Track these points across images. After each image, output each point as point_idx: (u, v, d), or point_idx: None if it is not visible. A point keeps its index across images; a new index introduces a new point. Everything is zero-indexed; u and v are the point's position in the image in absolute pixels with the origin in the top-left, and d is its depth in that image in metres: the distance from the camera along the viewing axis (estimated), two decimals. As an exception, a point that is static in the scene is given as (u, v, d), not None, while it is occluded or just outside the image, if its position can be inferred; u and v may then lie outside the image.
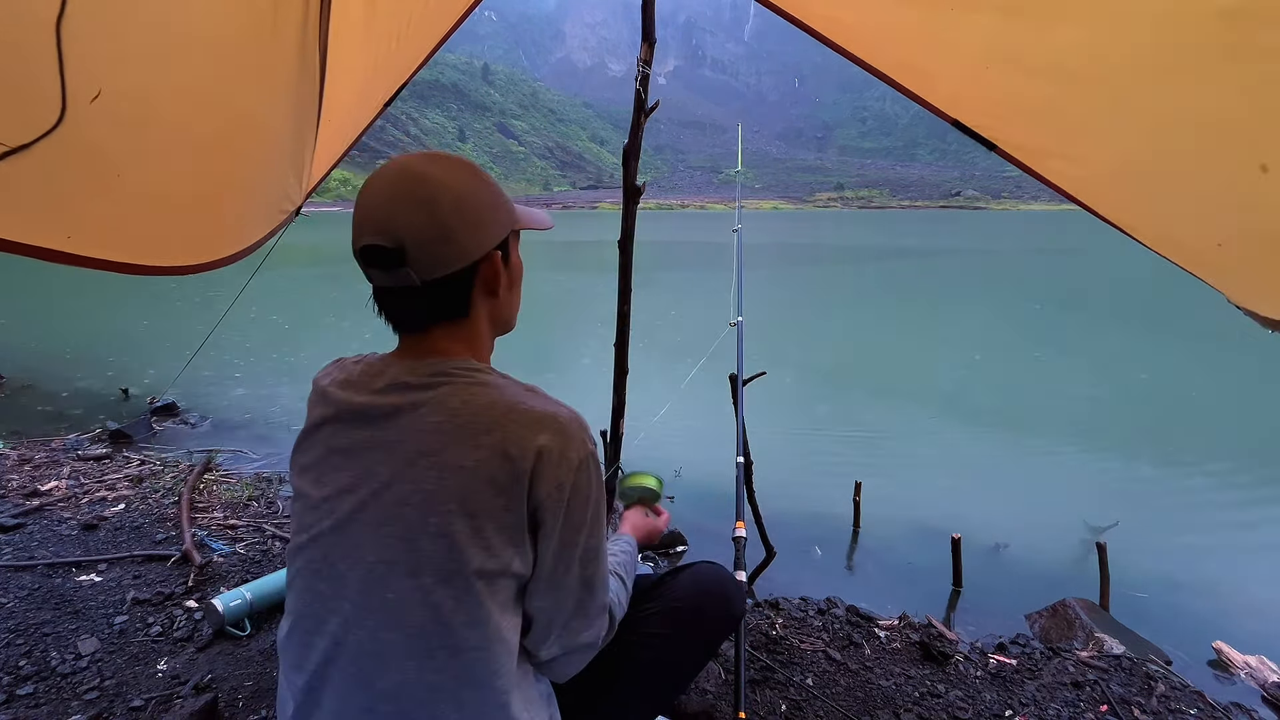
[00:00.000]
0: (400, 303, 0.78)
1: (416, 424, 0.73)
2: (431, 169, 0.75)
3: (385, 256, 0.72)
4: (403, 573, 0.70)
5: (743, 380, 2.07)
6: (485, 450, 0.70)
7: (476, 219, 0.76)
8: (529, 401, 0.75)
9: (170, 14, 1.16)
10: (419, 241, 0.72)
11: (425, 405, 0.74)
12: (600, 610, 0.82)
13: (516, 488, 0.70)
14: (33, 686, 1.71)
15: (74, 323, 9.48)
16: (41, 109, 1.01)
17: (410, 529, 0.70)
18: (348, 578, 0.73)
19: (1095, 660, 2.10)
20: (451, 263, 0.75)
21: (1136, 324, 10.32)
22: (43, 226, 1.21)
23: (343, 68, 1.78)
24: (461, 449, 0.71)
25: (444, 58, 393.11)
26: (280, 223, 2.18)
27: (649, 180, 2.37)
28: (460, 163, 0.79)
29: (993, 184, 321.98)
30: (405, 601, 0.70)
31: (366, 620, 0.71)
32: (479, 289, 0.80)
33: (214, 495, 3.10)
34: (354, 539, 0.73)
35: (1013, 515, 3.70)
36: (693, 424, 4.60)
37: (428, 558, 0.70)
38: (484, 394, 0.75)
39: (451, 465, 0.70)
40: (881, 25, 1.56)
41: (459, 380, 0.76)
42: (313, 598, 0.75)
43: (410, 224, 0.72)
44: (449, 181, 0.74)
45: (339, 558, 0.74)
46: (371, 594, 0.71)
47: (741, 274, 2.48)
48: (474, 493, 0.70)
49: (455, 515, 0.69)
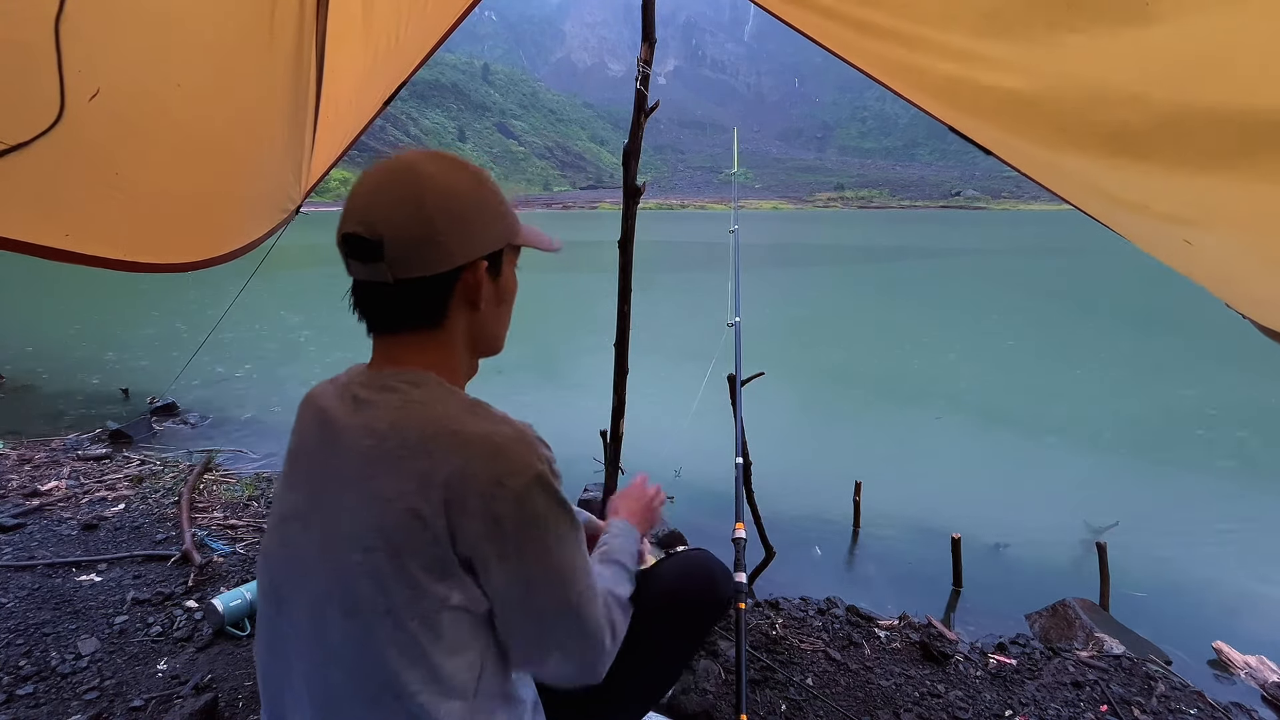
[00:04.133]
0: (373, 300, 0.73)
1: (352, 446, 0.68)
2: (428, 165, 0.71)
3: (363, 248, 0.69)
4: (339, 612, 0.66)
5: (741, 381, 2.06)
6: (408, 479, 0.64)
7: (464, 223, 0.71)
8: (463, 422, 0.67)
9: (168, 13, 1.16)
10: (399, 237, 0.68)
11: (361, 425, 0.69)
12: (594, 630, 0.73)
13: (439, 521, 0.63)
14: (33, 686, 1.71)
15: (74, 322, 9.48)
16: (40, 107, 1.01)
17: (342, 565, 0.66)
18: (296, 613, 0.70)
19: (1095, 660, 2.09)
20: (430, 264, 0.70)
21: (1137, 324, 10.32)
22: (41, 224, 1.21)
23: (341, 67, 1.78)
24: (387, 478, 0.65)
25: (444, 58, 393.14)
26: (280, 221, 2.18)
27: (649, 180, 2.37)
28: (461, 164, 0.74)
29: (993, 184, 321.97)
30: (347, 642, 0.66)
31: (315, 658, 0.68)
32: (458, 298, 0.74)
33: (214, 495, 3.10)
34: (298, 569, 0.70)
35: (1013, 515, 3.70)
36: (692, 424, 4.60)
37: (363, 596, 0.65)
38: (416, 413, 0.67)
39: (376, 495, 0.65)
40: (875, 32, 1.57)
41: (395, 396, 0.69)
42: (270, 627, 0.74)
43: (392, 217, 0.68)
44: (442, 180, 0.70)
45: (289, 590, 0.71)
46: (316, 633, 0.68)
47: (739, 274, 2.47)
48: (397, 526, 0.64)
49: (379, 552, 0.64)
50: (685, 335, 8.67)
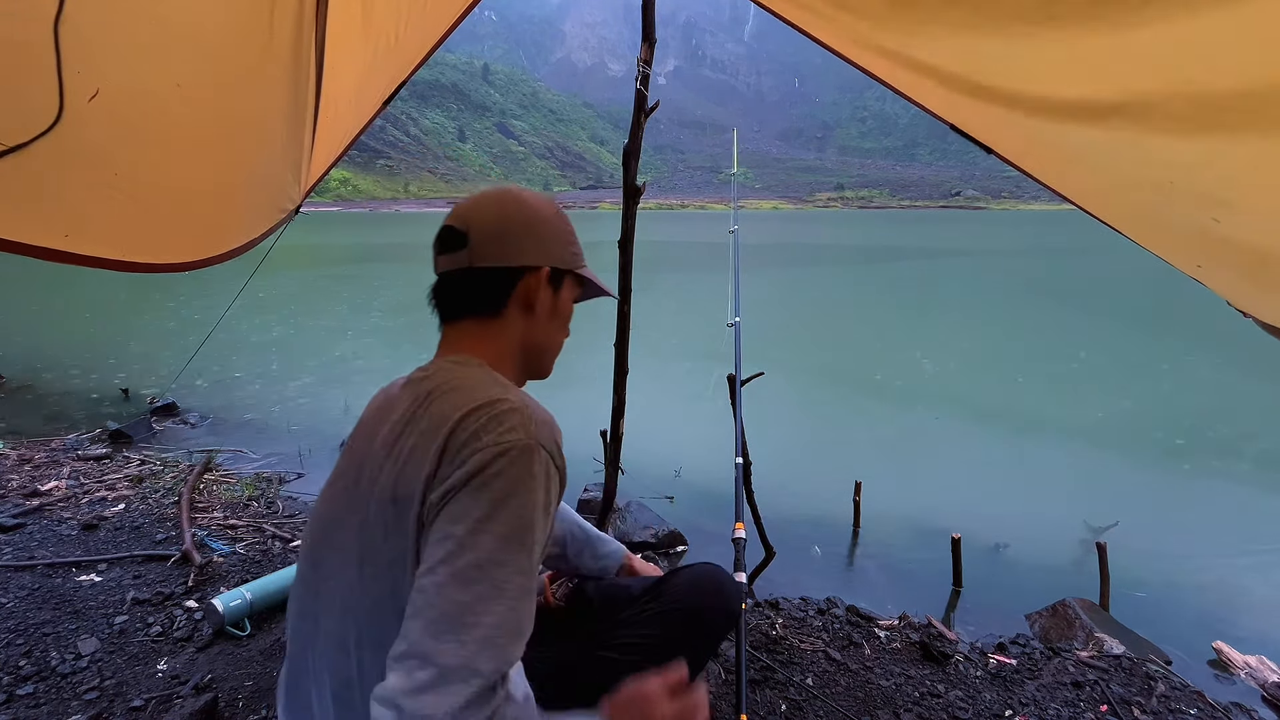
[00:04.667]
0: (448, 287, 0.83)
1: (396, 413, 0.75)
2: (523, 190, 0.86)
3: (452, 237, 0.81)
4: (356, 562, 0.71)
5: (740, 381, 2.06)
6: (424, 435, 0.70)
7: (535, 231, 0.83)
8: (485, 388, 0.72)
9: (167, 13, 1.16)
10: (483, 230, 0.81)
11: (408, 396, 0.76)
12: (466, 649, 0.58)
13: (427, 466, 0.67)
14: (33, 686, 1.71)
15: (74, 322, 9.48)
16: (39, 108, 1.01)
17: (363, 517, 0.72)
18: (328, 569, 0.75)
19: (1095, 660, 2.09)
20: (502, 256, 0.81)
21: (1137, 323, 10.32)
22: (41, 225, 1.21)
23: (340, 67, 1.78)
24: (409, 437, 0.71)
25: (444, 58, 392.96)
26: (279, 221, 2.18)
27: (649, 180, 2.37)
28: (547, 198, 0.88)
29: (993, 184, 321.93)
30: (361, 594, 0.71)
31: (337, 610, 0.73)
32: (517, 296, 0.83)
33: (214, 495, 3.10)
34: (334, 526, 0.76)
35: (1013, 515, 3.70)
36: (692, 424, 4.61)
37: (373, 547, 0.70)
38: (451, 382, 0.74)
39: (400, 452, 0.71)
40: (874, 34, 1.57)
41: (441, 372, 0.77)
42: (304, 588, 0.80)
43: (482, 215, 0.82)
44: (527, 197, 0.85)
45: (325, 548, 0.77)
46: (342, 586, 0.73)
47: (739, 274, 2.47)
48: (407, 479, 0.68)
49: (390, 504, 0.69)
50: (685, 335, 8.68)
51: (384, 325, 9.84)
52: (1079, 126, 1.24)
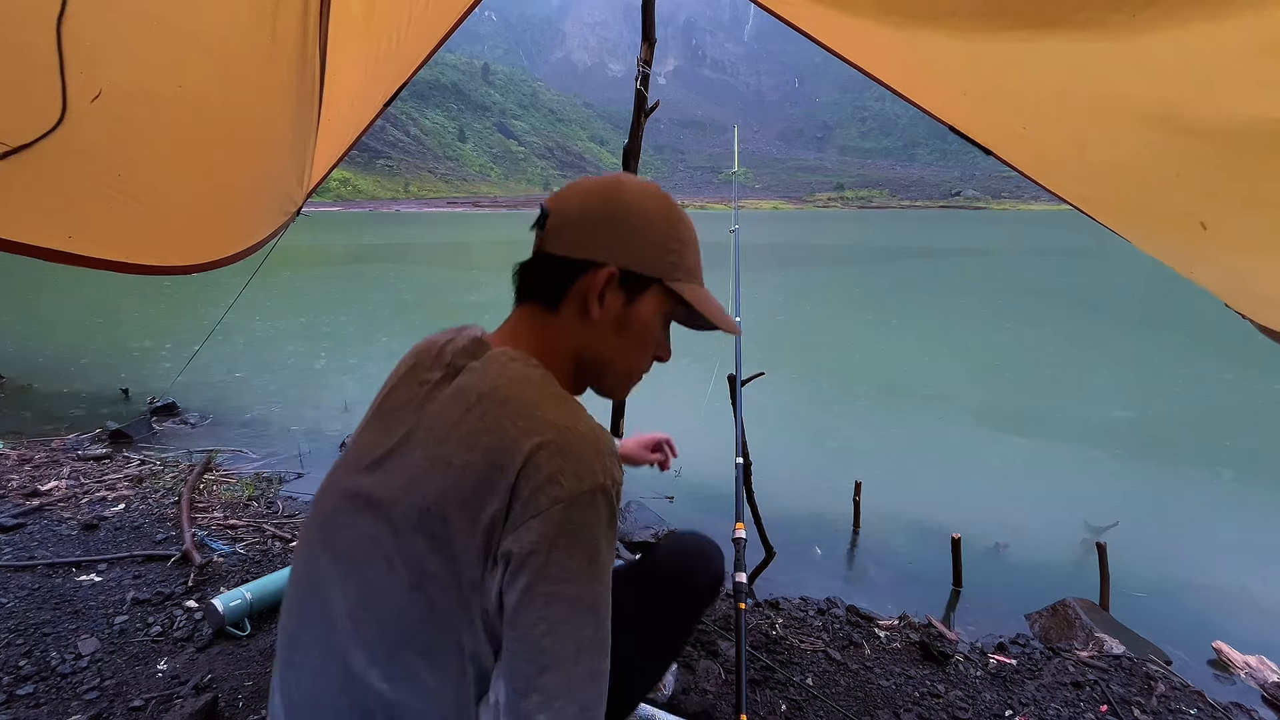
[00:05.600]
0: (524, 267, 0.79)
1: (439, 407, 0.70)
2: (630, 180, 0.78)
3: (541, 215, 0.76)
4: (384, 563, 0.67)
5: (741, 381, 2.07)
6: (479, 453, 0.63)
7: (613, 226, 0.74)
8: (545, 409, 0.66)
9: (171, 14, 1.16)
10: (563, 214, 0.75)
11: (454, 389, 0.70)
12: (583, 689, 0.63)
13: (494, 505, 0.62)
14: (33, 686, 1.71)
15: (74, 323, 9.48)
16: (42, 109, 1.01)
17: (397, 518, 0.67)
18: (345, 548, 0.71)
19: (1095, 660, 2.10)
20: (572, 247, 0.74)
21: (1137, 323, 10.32)
22: (43, 226, 1.21)
23: (342, 67, 1.78)
24: (458, 446, 0.65)
25: (444, 58, 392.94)
26: (281, 223, 2.18)
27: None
28: (661, 194, 0.79)
29: (993, 184, 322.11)
30: (383, 593, 0.67)
31: (354, 596, 0.69)
32: (575, 291, 0.74)
33: (214, 495, 3.10)
34: (359, 508, 0.71)
35: (1013, 515, 3.70)
36: (692, 424, 4.60)
37: (408, 555, 0.65)
38: (505, 391, 0.67)
39: (446, 461, 0.65)
40: (871, 37, 1.57)
41: (493, 369, 0.70)
42: (311, 561, 0.74)
43: (569, 199, 0.76)
44: (627, 188, 0.77)
45: (342, 527, 0.72)
46: (360, 572, 0.69)
47: (739, 274, 2.48)
48: (454, 497, 0.63)
49: (432, 518, 0.64)
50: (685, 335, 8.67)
51: (385, 325, 9.83)
52: (1079, 128, 1.24)
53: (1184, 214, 1.18)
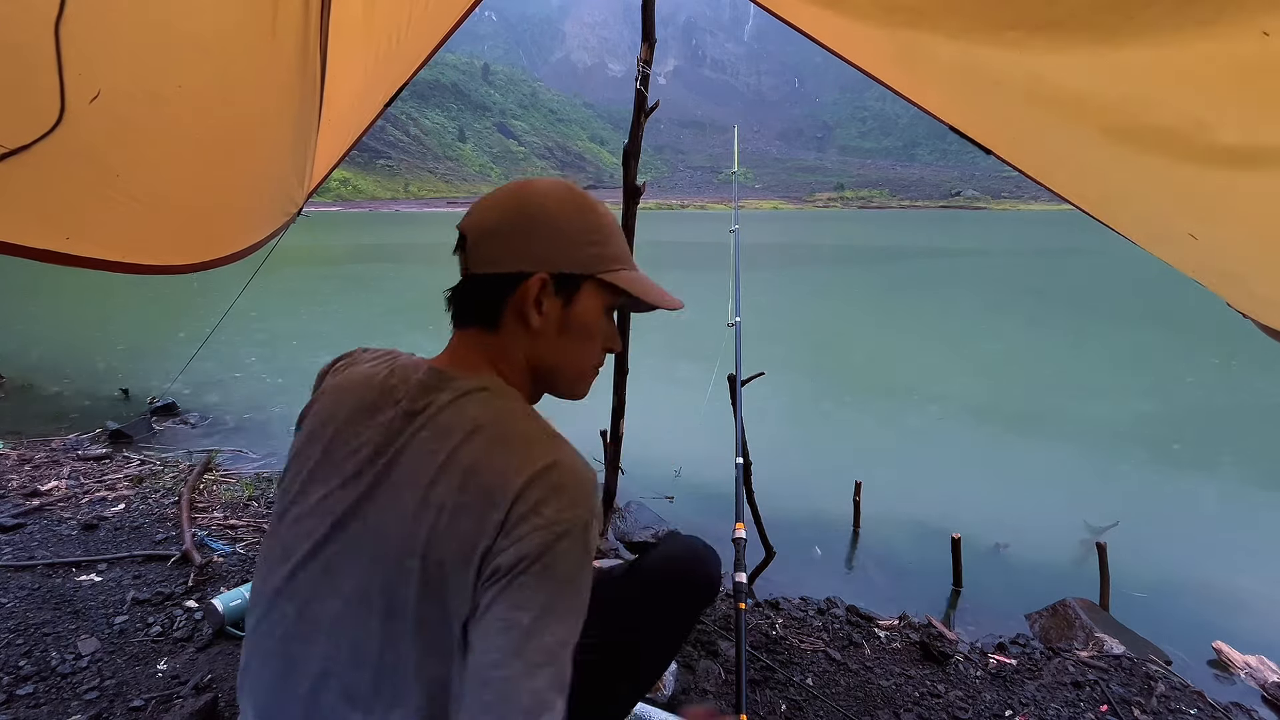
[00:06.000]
0: (455, 293, 0.76)
1: (414, 447, 0.67)
2: (540, 182, 0.75)
3: (459, 239, 0.74)
4: (378, 614, 0.64)
5: (741, 381, 2.07)
6: (471, 492, 0.62)
7: (533, 232, 0.72)
8: (538, 445, 0.66)
9: (170, 14, 1.16)
10: (479, 231, 0.73)
11: (428, 425, 0.68)
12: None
13: (485, 541, 0.61)
14: (33, 686, 1.71)
15: (74, 323, 9.48)
16: (40, 110, 1.01)
17: (389, 567, 0.64)
18: (324, 606, 0.67)
19: (1095, 660, 2.10)
20: (490, 262, 0.72)
21: (1137, 323, 10.32)
22: (42, 228, 1.21)
23: (343, 68, 1.78)
24: (448, 487, 0.63)
25: (444, 58, 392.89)
26: (282, 224, 2.18)
27: (649, 180, 2.37)
28: (569, 188, 0.76)
29: (993, 184, 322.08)
30: (373, 643, 0.64)
31: (339, 655, 0.66)
32: (510, 309, 0.73)
33: (214, 495, 3.10)
34: (335, 564, 0.67)
35: (1013, 515, 3.70)
36: (692, 424, 4.60)
37: (404, 602, 0.63)
38: (491, 428, 0.66)
39: (434, 503, 0.63)
40: (871, 37, 1.57)
41: (470, 403, 0.68)
42: (278, 617, 0.70)
43: (482, 215, 0.73)
44: (538, 191, 0.74)
45: (317, 583, 0.68)
46: (346, 629, 0.66)
47: (739, 274, 2.48)
48: (449, 539, 0.62)
49: (427, 560, 0.62)
50: (685, 335, 8.67)
51: (385, 325, 9.83)
52: (1079, 129, 1.24)
53: (1173, 224, 1.18)
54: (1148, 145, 1.02)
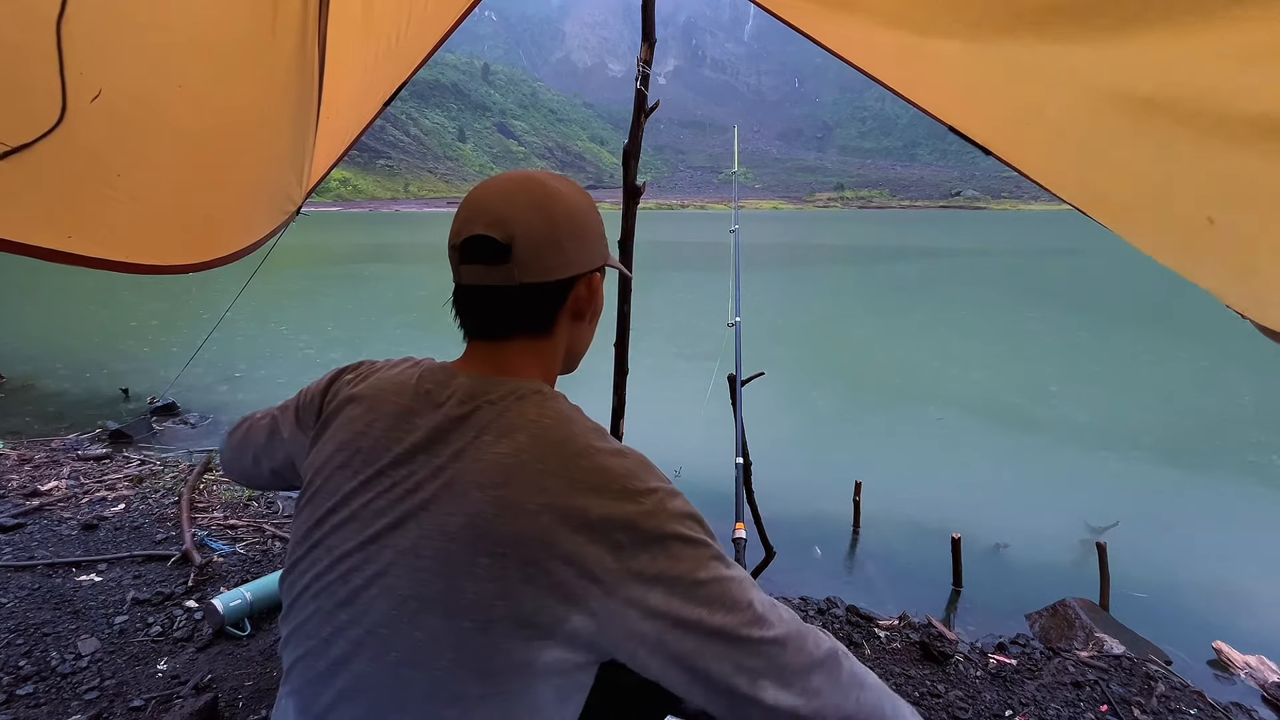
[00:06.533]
0: (490, 304, 0.73)
1: (476, 449, 0.66)
2: (553, 180, 0.76)
3: (493, 250, 0.70)
4: (440, 614, 0.62)
5: (741, 381, 2.07)
6: (549, 495, 0.62)
7: (584, 234, 0.75)
8: (599, 447, 0.67)
9: (170, 14, 1.16)
10: (530, 240, 0.70)
11: (490, 429, 0.67)
12: (779, 648, 0.62)
13: (568, 548, 0.61)
14: (33, 686, 1.71)
15: (74, 323, 9.48)
16: (42, 109, 1.01)
17: (453, 566, 0.62)
18: (371, 607, 0.65)
19: (1095, 660, 2.10)
20: (554, 270, 0.72)
21: (1136, 323, 10.32)
22: (43, 226, 1.21)
23: (342, 67, 1.79)
24: (526, 488, 0.63)
25: (444, 58, 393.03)
26: (281, 223, 2.19)
27: (649, 180, 2.37)
28: (575, 184, 0.79)
29: (993, 184, 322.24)
30: (436, 642, 0.62)
31: (388, 656, 0.64)
32: (568, 308, 0.76)
33: (214, 495, 3.10)
34: (382, 564, 0.65)
35: (1013, 515, 3.70)
36: (692, 424, 4.61)
37: (470, 601, 0.61)
38: (559, 430, 0.67)
39: (511, 503, 0.62)
40: (871, 37, 1.58)
41: (530, 405, 0.69)
42: (323, 621, 0.68)
43: (527, 222, 0.70)
44: (567, 193, 0.75)
45: (362, 583, 0.66)
46: (399, 628, 0.64)
47: (739, 274, 2.48)
48: (531, 538, 0.61)
49: (507, 560, 0.61)
50: (685, 335, 8.67)
51: (386, 324, 9.84)
52: (1080, 126, 1.24)
53: (1191, 208, 1.17)
54: (1180, 117, 1.01)
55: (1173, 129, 1.04)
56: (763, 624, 0.61)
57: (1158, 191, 1.24)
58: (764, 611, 0.62)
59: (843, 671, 0.64)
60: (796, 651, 0.62)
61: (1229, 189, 1.07)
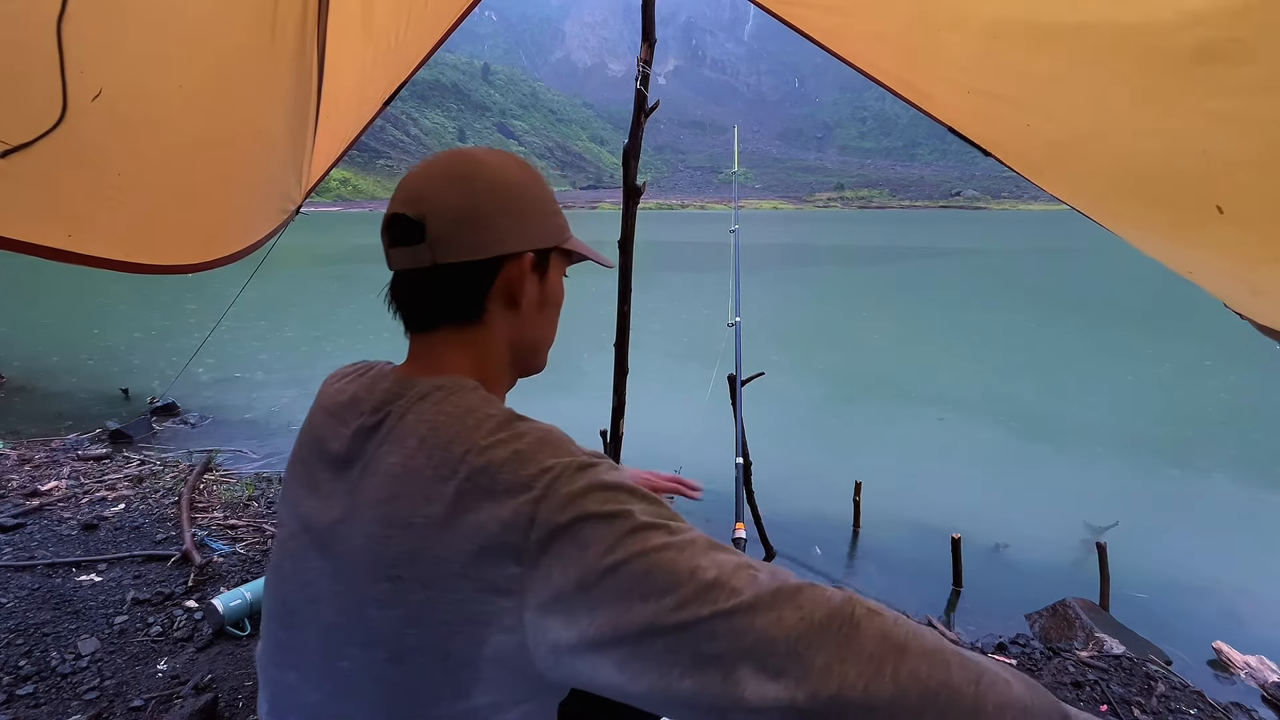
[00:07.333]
0: (411, 290, 0.67)
1: (375, 462, 0.60)
2: (482, 152, 0.69)
3: (406, 229, 0.64)
4: (357, 644, 0.57)
5: (741, 381, 2.07)
6: (435, 505, 0.54)
7: (513, 209, 0.67)
8: (499, 441, 0.56)
9: (170, 14, 1.16)
10: (443, 216, 0.64)
11: (389, 438, 0.61)
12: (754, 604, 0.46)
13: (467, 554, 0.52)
14: (33, 686, 1.71)
15: (74, 323, 9.48)
16: (42, 108, 1.01)
17: (362, 594, 0.57)
18: (307, 638, 0.62)
19: (1095, 660, 2.10)
20: (473, 248, 0.65)
21: (1136, 323, 10.32)
22: (43, 225, 1.21)
23: (341, 66, 1.79)
24: (412, 501, 0.55)
25: (444, 58, 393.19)
26: (280, 222, 2.19)
27: (649, 180, 2.37)
28: (518, 159, 0.71)
29: (992, 184, 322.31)
30: (362, 675, 0.57)
31: (326, 688, 0.60)
32: (497, 292, 0.67)
33: (214, 495, 3.10)
34: (311, 592, 0.62)
35: (1013, 515, 3.70)
36: (692, 424, 4.61)
37: (384, 630, 0.55)
38: (447, 430, 0.58)
39: (398, 520, 0.55)
40: (873, 37, 1.58)
41: (426, 406, 0.61)
42: (274, 643, 0.66)
43: (442, 196, 0.64)
44: (495, 164, 0.67)
45: (301, 614, 0.63)
46: (328, 663, 0.60)
47: (739, 275, 2.48)
48: (422, 557, 0.54)
49: (405, 583, 0.54)
50: (686, 335, 8.67)
51: (387, 324, 9.83)
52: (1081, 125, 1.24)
53: (1200, 198, 1.16)
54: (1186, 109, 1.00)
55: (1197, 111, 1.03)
56: (717, 592, 0.46)
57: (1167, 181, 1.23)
58: (721, 575, 0.47)
59: (862, 635, 0.44)
60: (776, 619, 0.45)
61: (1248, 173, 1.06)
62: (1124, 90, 1.11)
